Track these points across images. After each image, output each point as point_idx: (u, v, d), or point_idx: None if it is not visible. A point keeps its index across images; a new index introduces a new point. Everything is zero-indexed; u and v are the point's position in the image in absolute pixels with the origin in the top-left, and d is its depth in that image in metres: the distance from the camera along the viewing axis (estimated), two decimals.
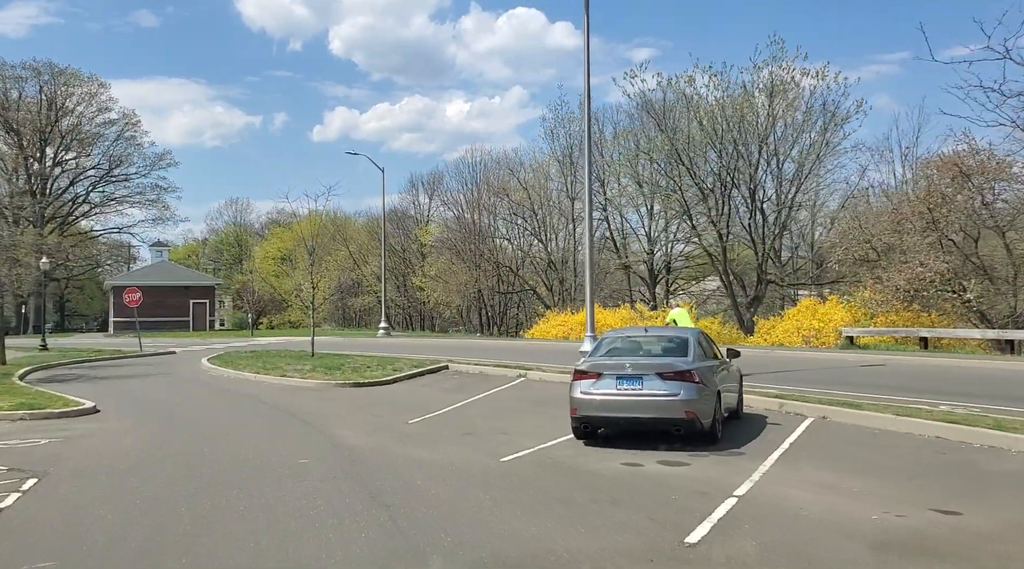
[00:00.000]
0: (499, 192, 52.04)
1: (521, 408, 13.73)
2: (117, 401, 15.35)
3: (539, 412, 12.99)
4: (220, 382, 19.22)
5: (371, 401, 15.16)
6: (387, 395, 16.27)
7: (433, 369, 20.65)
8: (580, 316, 40.51)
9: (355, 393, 16.47)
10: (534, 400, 14.66)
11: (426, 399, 15.35)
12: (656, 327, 14.11)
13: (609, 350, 10.31)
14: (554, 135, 49.21)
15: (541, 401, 14.51)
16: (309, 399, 15.49)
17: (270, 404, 14.66)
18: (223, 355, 26.54)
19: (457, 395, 15.72)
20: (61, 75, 66.97)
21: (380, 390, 17.06)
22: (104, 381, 19.80)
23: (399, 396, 16.11)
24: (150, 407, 14.54)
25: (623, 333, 11.86)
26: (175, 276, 59.94)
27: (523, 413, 13.05)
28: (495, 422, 12.01)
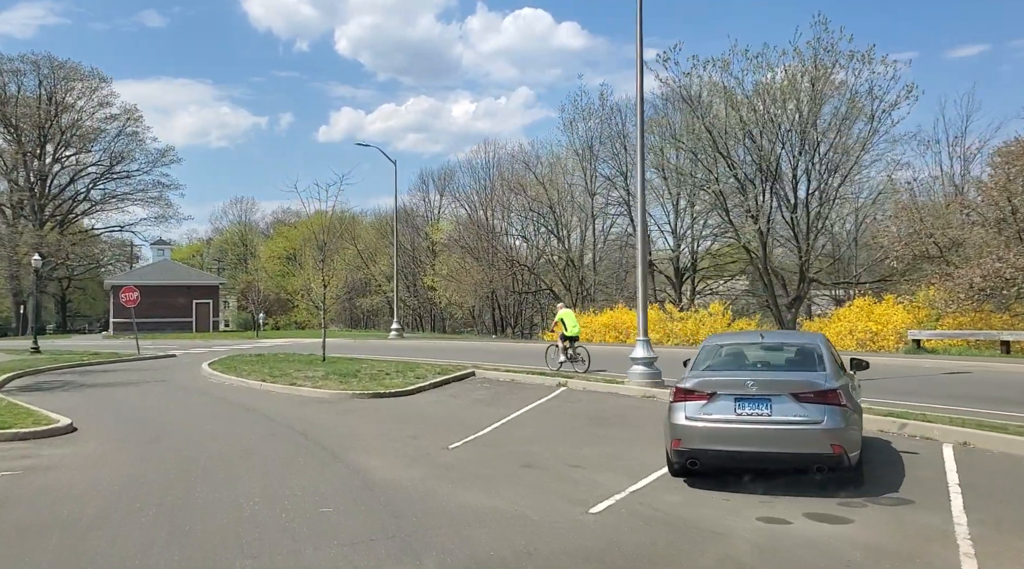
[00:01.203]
0: (514, 187, 49.78)
1: (578, 428, 11.50)
2: (101, 416, 13.17)
3: (604, 435, 10.79)
4: (222, 391, 17.03)
5: (396, 416, 12.96)
6: (413, 408, 14.06)
7: (459, 376, 18.49)
8: (604, 318, 38.30)
9: (376, 406, 14.28)
10: (590, 417, 12.44)
11: (460, 414, 13.14)
12: (772, 331, 11.83)
13: (716, 362, 8.05)
14: (572, 127, 47.05)
15: (598, 418, 12.31)
16: (324, 414, 13.30)
17: (279, 421, 12.46)
18: (226, 359, 24.39)
19: (495, 409, 13.52)
20: (61, 69, 64.98)
21: (404, 402, 14.86)
22: (92, 390, 17.63)
23: (427, 409, 13.91)
24: (138, 424, 12.35)
25: (730, 339, 9.42)
26: (177, 275, 57.82)
27: (584, 435, 10.82)
28: (556, 448, 9.77)
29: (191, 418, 12.84)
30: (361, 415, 13.14)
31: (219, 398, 15.77)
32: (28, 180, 64.88)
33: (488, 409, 13.62)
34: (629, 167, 43.15)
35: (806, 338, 8.83)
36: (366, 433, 11.23)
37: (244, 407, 14.23)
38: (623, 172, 43.51)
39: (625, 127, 43.44)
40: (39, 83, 64.61)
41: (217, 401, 15.32)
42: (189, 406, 14.60)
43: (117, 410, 14.07)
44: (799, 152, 29.70)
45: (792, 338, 9.55)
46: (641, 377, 15.33)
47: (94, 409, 14.09)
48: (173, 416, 13.14)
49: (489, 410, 13.44)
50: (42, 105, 64.03)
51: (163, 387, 18.17)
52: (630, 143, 43.88)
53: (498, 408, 13.64)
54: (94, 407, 14.44)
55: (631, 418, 12.27)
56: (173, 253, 76.49)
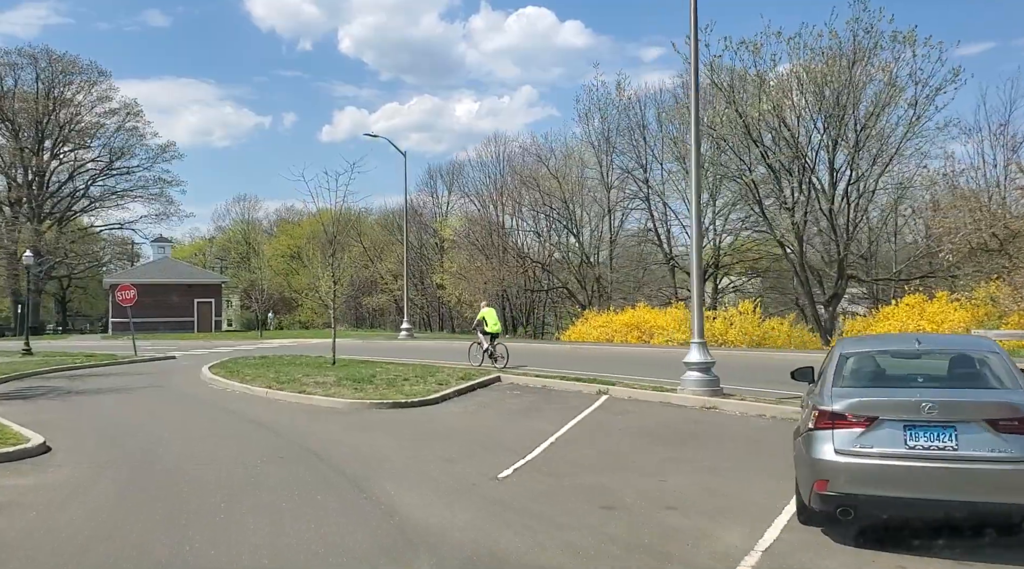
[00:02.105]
0: (527, 181, 47.91)
1: (645, 449, 9.70)
2: (82, 432, 11.39)
3: (682, 458, 8.98)
4: (223, 399, 15.25)
5: (423, 431, 11.16)
6: (440, 421, 12.27)
7: (484, 382, 16.73)
8: (625, 316, 36.43)
9: (398, 418, 12.48)
10: (652, 434, 10.65)
11: (497, 429, 11.34)
12: (928, 335, 9.96)
13: (862, 375, 6.18)
14: (588, 118, 45.20)
15: (664, 436, 10.52)
16: (340, 428, 11.50)
17: (288, 437, 10.67)
18: (228, 362, 22.63)
19: (535, 422, 11.73)
20: (59, 63, 63.19)
21: (429, 413, 13.06)
22: (79, 398, 15.87)
23: (457, 423, 12.11)
24: (124, 443, 10.55)
25: (876, 344, 7.30)
26: (178, 273, 56.09)
27: (658, 460, 8.98)
28: (633, 480, 7.95)
29: (187, 434, 11.04)
30: (383, 430, 11.34)
31: (220, 408, 13.98)
32: (26, 177, 63.17)
33: (528, 422, 11.83)
34: (649, 159, 41.39)
35: (977, 344, 6.92)
36: (392, 454, 9.43)
37: (248, 419, 12.43)
38: (642, 164, 41.72)
39: (644, 117, 41.66)
40: (36, 77, 62.88)
41: (217, 412, 13.54)
42: (185, 418, 12.81)
43: (102, 424, 12.28)
44: (836, 140, 27.82)
45: (958, 344, 7.69)
46: (697, 385, 13.55)
47: (76, 423, 12.32)
48: (166, 431, 11.34)
49: (529, 424, 11.64)
50: (39, 100, 62.32)
51: (158, 394, 16.40)
52: (650, 133, 42.16)
53: (538, 421, 11.85)
54: (77, 420, 12.66)
55: (703, 435, 10.48)
56: (175, 252, 74.85)
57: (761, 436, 10.37)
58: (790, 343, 30.94)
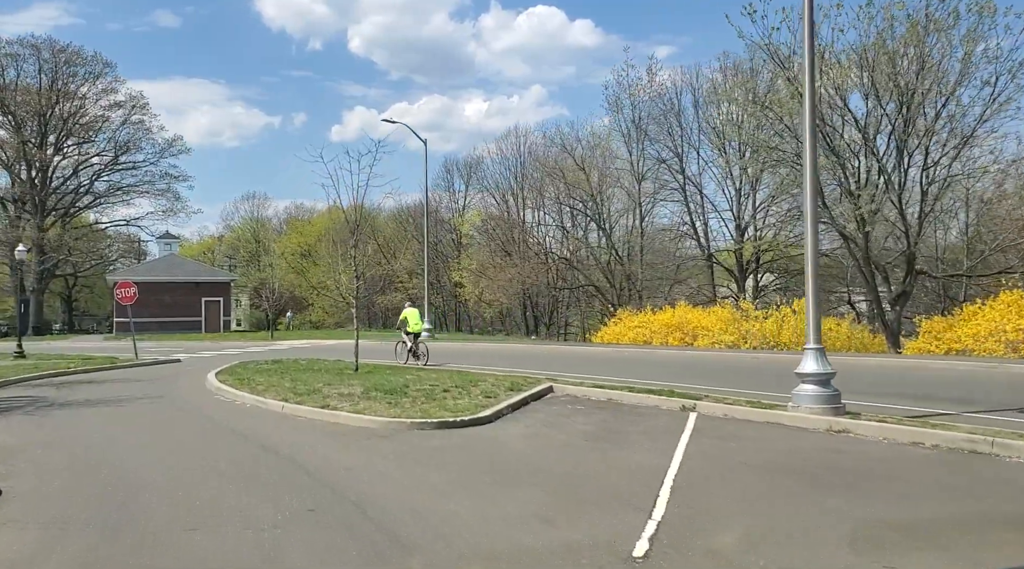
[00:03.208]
0: (552, 172, 45.27)
1: (798, 497, 7.10)
2: (51, 467, 8.89)
3: (859, 514, 6.37)
4: (230, 416, 12.75)
5: (492, 467, 8.60)
6: (507, 448, 9.72)
7: (537, 394, 14.24)
8: (664, 316, 33.79)
9: (452, 443, 9.94)
10: (791, 471, 8.09)
11: (586, 463, 8.76)
12: None
13: None
14: (618, 105, 42.55)
15: (805, 473, 7.96)
16: (381, 459, 8.97)
17: (316, 475, 8.14)
18: (238, 367, 20.18)
19: (629, 452, 9.19)
20: (62, 54, 61.09)
21: (488, 436, 10.52)
22: (62, 414, 13.41)
23: (527, 452, 9.55)
24: (101, 484, 8.00)
25: None
26: (185, 271, 53.76)
27: (828, 516, 6.35)
28: (834, 560, 5.38)
29: (183, 472, 8.51)
30: (436, 462, 8.79)
31: (227, 429, 11.47)
32: (29, 172, 60.98)
33: (618, 452, 9.27)
34: (685, 148, 38.74)
35: None
36: (462, 508, 6.86)
37: (261, 446, 9.91)
38: (678, 153, 39.12)
39: (680, 103, 39.01)
40: (39, 69, 60.80)
41: (223, 435, 11.02)
42: (184, 445, 10.28)
43: (80, 454, 9.77)
44: (908, 121, 25.08)
45: None
46: (815, 401, 10.98)
47: (47, 452, 9.82)
48: (157, 467, 8.81)
49: (622, 455, 9.09)
50: (42, 92, 60.11)
51: (155, 409, 13.90)
52: (686, 120, 39.56)
53: (631, 451, 9.32)
54: (49, 447, 10.17)
55: (863, 475, 7.90)
56: (183, 249, 72.71)
57: (947, 477, 7.77)
58: (850, 345, 28.32)
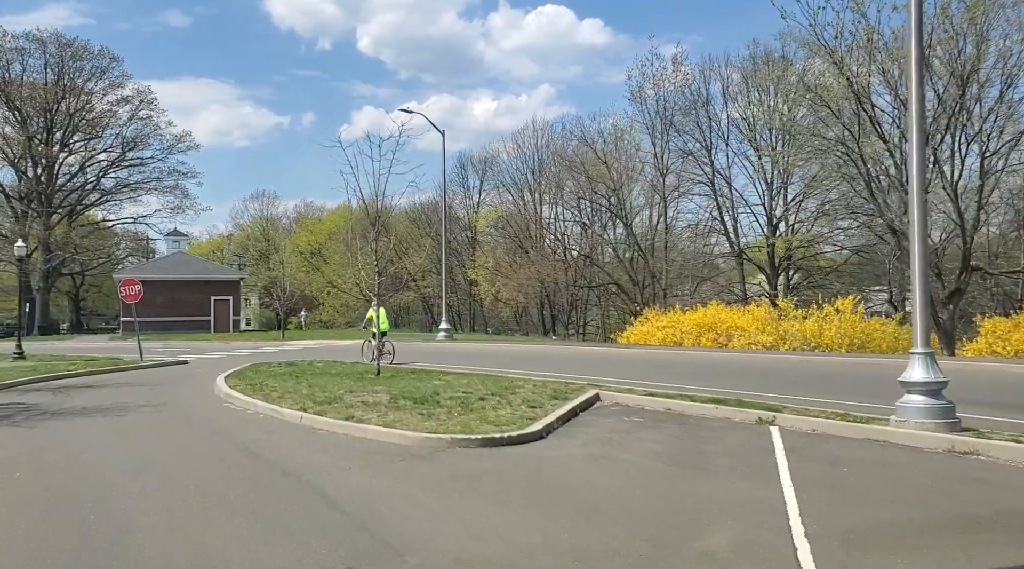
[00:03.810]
0: (573, 165, 43.62)
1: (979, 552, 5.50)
2: (23, 500, 7.33)
3: None
4: (242, 429, 11.21)
5: (558, 501, 7.00)
6: (570, 474, 8.12)
7: (584, 403, 12.66)
8: (696, 316, 32.10)
9: (503, 468, 8.35)
10: (955, 513, 6.46)
11: (671, 494, 7.15)
12: None
13: None
14: (641, 96, 40.86)
15: (959, 514, 6.33)
16: (421, 489, 7.38)
17: (351, 513, 6.57)
18: (248, 370, 18.67)
19: (725, 481, 7.59)
20: (68, 48, 59.74)
21: (543, 457, 8.92)
22: (52, 425, 11.88)
23: (597, 478, 7.93)
24: (78, 522, 6.44)
25: None
26: (194, 269, 52.33)
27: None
28: None
29: (185, 505, 6.94)
30: (489, 493, 7.22)
31: (238, 447, 9.91)
32: (35, 169, 59.71)
33: (707, 481, 7.67)
34: (715, 140, 37.05)
35: None
36: (540, 565, 5.28)
37: (281, 469, 8.34)
38: (707, 144, 37.38)
39: (708, 93, 37.31)
40: (45, 63, 59.45)
41: (235, 453, 9.46)
42: (187, 468, 8.72)
43: (63, 477, 8.23)
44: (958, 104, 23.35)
45: None
46: (926, 414, 9.36)
47: (25, 478, 8.27)
48: (155, 497, 7.24)
49: (712, 484, 7.49)
50: (48, 87, 58.82)
51: (157, 419, 12.36)
52: (713, 111, 37.85)
53: (722, 478, 7.73)
54: (29, 469, 8.64)
55: None
56: (191, 248, 71.39)
57: None
58: (896, 346, 26.66)
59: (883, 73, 24.66)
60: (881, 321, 27.56)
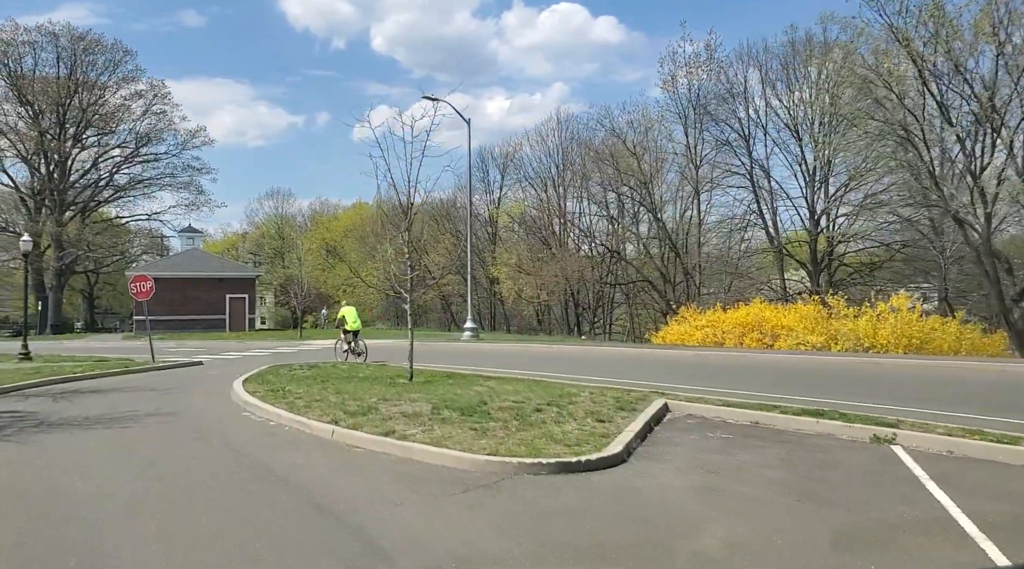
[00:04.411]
0: (603, 156, 41.82)
1: None
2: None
3: None
4: (265, 447, 9.60)
5: (674, 555, 5.34)
6: (676, 511, 6.44)
7: (657, 416, 11.01)
8: (737, 315, 30.22)
9: (592, 506, 6.66)
10: None
11: (838, 557, 5.47)
12: None
13: None
14: (674, 83, 39.02)
15: None
16: (502, 540, 5.72)
17: None
18: (268, 373, 17.10)
19: (879, 528, 5.88)
20: (81, 41, 58.52)
21: (634, 488, 7.23)
22: (46, 440, 10.33)
23: (722, 524, 6.22)
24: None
25: None
26: (208, 266, 50.95)
27: None
28: None
29: (197, 558, 5.33)
30: (586, 546, 5.56)
31: (261, 468, 8.29)
32: (47, 165, 58.58)
33: (864, 525, 5.97)
34: (752, 129, 35.20)
35: None
36: None
37: (317, 506, 6.69)
38: (745, 134, 35.51)
39: (746, 80, 35.47)
40: (57, 57, 58.25)
41: (258, 480, 7.83)
42: (199, 502, 7.08)
43: (46, 516, 6.64)
44: None
45: None
46: None
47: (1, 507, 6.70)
48: (157, 549, 5.64)
49: (873, 532, 5.79)
50: (61, 81, 57.64)
51: (165, 433, 10.76)
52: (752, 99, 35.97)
53: (882, 523, 6.02)
54: (6, 501, 7.06)
55: None
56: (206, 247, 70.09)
57: None
58: (959, 347, 24.79)
59: (949, 53, 22.78)
60: (941, 320, 25.69)
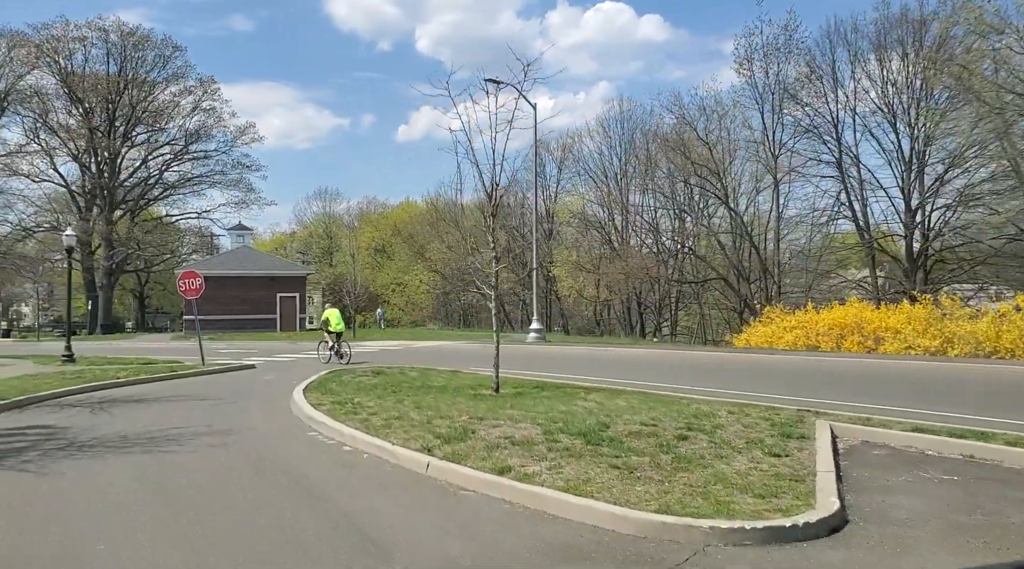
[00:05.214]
0: (670, 146, 39.16)
1: None
2: None
3: None
4: (345, 488, 7.44)
5: None
6: None
7: (834, 447, 8.56)
8: (833, 315, 27.21)
9: None
10: None
11: None
12: None
13: None
14: (750, 66, 36.19)
15: None
16: None
17: None
18: (331, 381, 15.04)
19: None
20: (131, 37, 57.84)
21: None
22: (73, 466, 8.35)
23: None
24: None
25: None
26: (259, 264, 49.58)
27: None
28: None
29: None
30: None
31: (345, 526, 6.08)
32: (98, 163, 58.04)
33: None
34: (843, 114, 32.27)
35: None
36: None
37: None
38: (833, 120, 32.57)
39: (834, 59, 32.51)
40: (107, 53, 57.67)
41: (342, 544, 5.62)
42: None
43: None
44: None
45: None
46: None
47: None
48: None
49: None
50: (111, 78, 57.01)
51: (215, 464, 8.64)
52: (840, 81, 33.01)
53: None
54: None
55: None
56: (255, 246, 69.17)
57: None
58: None
59: None
60: None
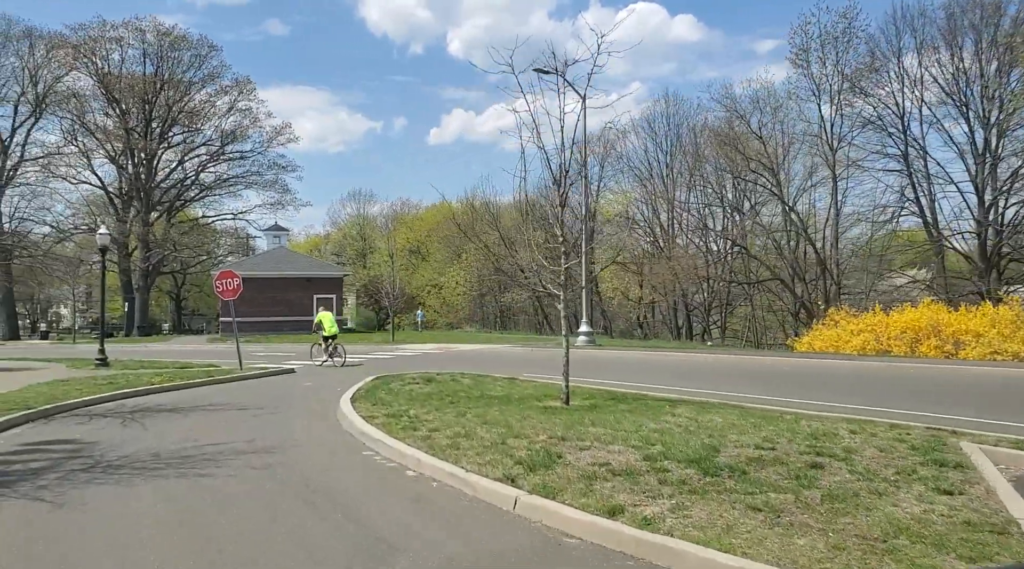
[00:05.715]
0: (721, 140, 37.43)
1: None
2: None
3: None
4: (417, 529, 6.11)
5: None
6: None
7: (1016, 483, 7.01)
8: (905, 317, 25.48)
9: None
10: None
11: None
12: None
13: None
14: (807, 59, 34.36)
15: None
16: None
17: None
18: (379, 388, 13.79)
19: None
20: (167, 37, 57.57)
21: None
22: (96, 491, 7.17)
23: None
24: None
25: None
26: (296, 265, 48.79)
27: None
28: None
29: None
30: None
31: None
32: (134, 164, 57.83)
33: None
34: (907, 105, 30.35)
35: None
36: None
37: None
38: (899, 111, 30.66)
39: (900, 46, 30.59)
40: (143, 53, 57.46)
41: None
42: None
43: None
44: None
45: None
46: None
47: None
48: None
49: None
50: (147, 78, 56.79)
51: (262, 493, 7.35)
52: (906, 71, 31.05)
53: None
54: None
55: None
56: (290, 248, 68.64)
57: None
58: None
59: None
60: None
